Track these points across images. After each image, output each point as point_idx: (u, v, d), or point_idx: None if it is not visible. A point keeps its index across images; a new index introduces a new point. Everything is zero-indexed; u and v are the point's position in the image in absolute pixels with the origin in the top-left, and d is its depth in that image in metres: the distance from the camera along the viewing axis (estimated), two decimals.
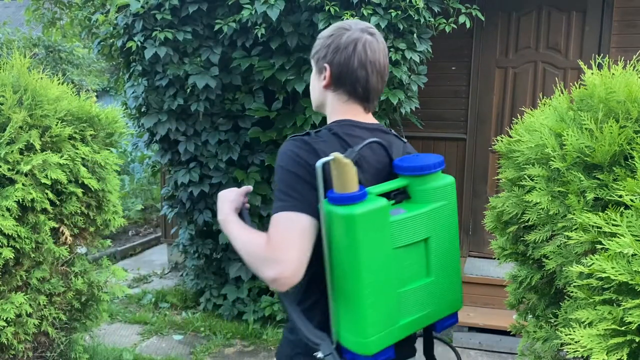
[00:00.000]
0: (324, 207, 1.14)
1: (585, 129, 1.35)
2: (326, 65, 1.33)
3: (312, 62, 1.40)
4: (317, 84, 1.39)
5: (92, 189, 2.48)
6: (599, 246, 1.12)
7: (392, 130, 1.43)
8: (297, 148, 1.22)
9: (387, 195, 1.22)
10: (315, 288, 1.27)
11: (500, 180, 1.78)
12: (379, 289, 1.15)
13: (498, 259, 1.84)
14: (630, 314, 0.99)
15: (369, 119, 1.38)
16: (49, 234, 2.33)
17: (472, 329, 3.83)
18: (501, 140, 1.81)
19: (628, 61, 1.52)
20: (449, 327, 1.36)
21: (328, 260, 1.16)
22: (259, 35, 3.43)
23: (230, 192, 1.41)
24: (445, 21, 3.60)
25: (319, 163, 1.13)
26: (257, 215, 3.94)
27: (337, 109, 1.36)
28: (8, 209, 2.16)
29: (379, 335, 1.16)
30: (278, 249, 1.13)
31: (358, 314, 1.14)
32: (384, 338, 1.18)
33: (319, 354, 1.16)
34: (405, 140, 1.45)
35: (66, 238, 2.41)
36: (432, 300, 1.28)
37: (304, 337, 1.19)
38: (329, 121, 1.38)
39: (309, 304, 1.29)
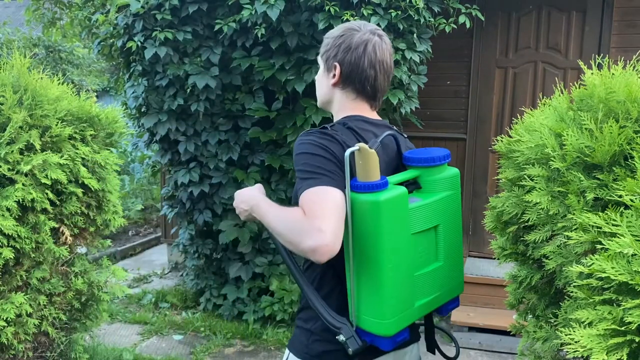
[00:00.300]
0: (350, 195, 1.19)
1: (585, 129, 1.35)
2: (336, 63, 1.40)
3: (321, 61, 1.46)
4: (325, 81, 1.45)
5: (92, 189, 2.48)
6: (599, 246, 1.12)
7: (395, 127, 1.51)
8: (318, 138, 1.27)
9: (400, 185, 1.29)
10: (330, 277, 1.33)
11: (500, 180, 1.78)
12: (398, 273, 1.22)
13: (498, 259, 1.84)
14: (630, 314, 0.99)
15: (375, 116, 1.46)
16: (49, 234, 2.33)
17: (472, 329, 3.83)
18: (501, 140, 1.81)
19: (628, 61, 1.52)
20: (452, 310, 1.47)
21: (351, 246, 1.21)
22: (259, 35, 3.43)
23: (250, 188, 1.45)
24: (445, 21, 3.60)
25: (347, 152, 1.18)
26: None
27: (346, 105, 1.43)
28: (8, 209, 2.16)
29: (398, 316, 1.23)
30: (317, 218, 1.13)
31: (380, 296, 1.20)
32: (401, 319, 1.25)
33: (341, 337, 1.21)
34: (406, 136, 1.54)
35: (66, 238, 2.41)
36: (441, 284, 1.37)
37: (326, 321, 1.24)
38: (336, 117, 1.44)
39: (326, 292, 1.33)
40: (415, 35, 3.58)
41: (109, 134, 2.64)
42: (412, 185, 1.36)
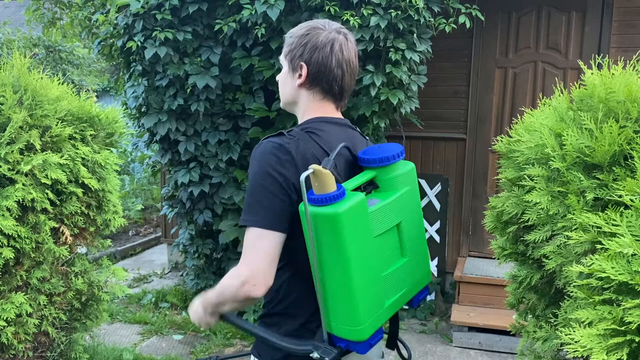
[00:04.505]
0: (309, 209, 1.18)
1: (585, 129, 1.36)
2: (303, 63, 1.36)
3: (284, 60, 1.41)
4: (290, 82, 1.41)
5: (92, 189, 2.48)
6: (598, 246, 1.12)
7: (357, 128, 1.51)
8: (273, 161, 1.25)
9: (358, 188, 1.30)
10: (293, 289, 1.35)
11: (500, 180, 1.78)
12: (366, 277, 1.22)
13: (498, 259, 1.84)
14: (630, 314, 0.99)
15: (339, 115, 1.44)
16: (49, 233, 2.33)
17: (472, 328, 3.83)
18: (501, 140, 1.81)
19: (628, 61, 1.52)
20: (422, 300, 1.48)
21: (315, 258, 1.21)
22: (259, 35, 3.43)
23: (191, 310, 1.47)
24: (445, 21, 3.60)
25: (302, 178, 1.16)
26: None
27: (311, 106, 1.40)
28: (8, 209, 2.16)
29: (370, 319, 1.23)
30: (248, 261, 1.23)
31: (351, 304, 1.20)
32: (374, 321, 1.25)
33: (315, 354, 1.23)
34: (367, 138, 1.53)
35: (66, 238, 2.41)
36: (408, 278, 1.38)
37: (292, 351, 1.27)
38: (301, 118, 1.42)
39: (292, 305, 1.36)
40: (415, 35, 3.58)
41: (109, 134, 2.64)
42: (370, 186, 1.35)
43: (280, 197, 1.24)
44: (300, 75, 1.37)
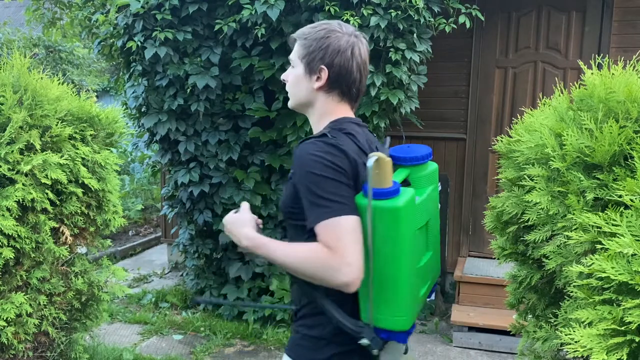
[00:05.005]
0: (371, 203, 1.22)
1: (585, 129, 1.36)
2: (323, 67, 1.37)
3: (299, 62, 1.41)
4: (305, 84, 1.41)
5: (92, 189, 2.48)
6: (598, 246, 1.12)
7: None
8: (327, 154, 1.26)
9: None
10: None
11: (500, 180, 1.78)
12: (411, 269, 1.29)
13: (498, 259, 1.84)
14: (630, 314, 0.99)
15: (353, 116, 1.46)
16: (49, 233, 2.33)
17: (472, 328, 3.83)
18: (501, 140, 1.81)
19: (628, 61, 1.52)
20: (434, 292, 1.58)
21: (371, 251, 1.24)
22: (259, 35, 3.43)
23: (241, 215, 1.43)
24: (445, 21, 3.60)
25: (369, 163, 1.20)
26: (257, 215, 3.93)
27: (331, 109, 1.41)
28: (8, 209, 2.16)
29: (412, 310, 1.31)
30: (345, 255, 1.19)
31: (398, 294, 1.26)
32: (413, 312, 1.33)
33: (364, 340, 1.26)
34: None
35: (66, 238, 2.41)
36: (431, 272, 1.47)
37: (346, 328, 1.27)
38: (320, 120, 1.42)
39: (339, 298, 1.33)
40: (415, 35, 3.58)
41: (109, 134, 2.64)
42: (404, 184, 1.40)
43: (348, 186, 1.25)
44: (318, 78, 1.38)
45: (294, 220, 1.37)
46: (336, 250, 1.19)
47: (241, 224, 1.41)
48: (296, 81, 1.43)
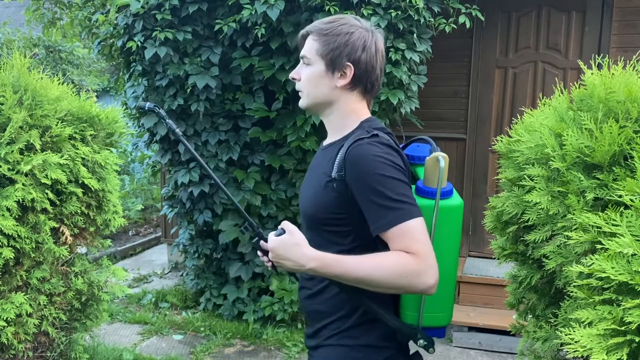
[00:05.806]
0: (427, 202, 1.26)
1: (585, 129, 1.36)
2: (349, 64, 1.30)
3: (321, 59, 1.31)
4: (326, 82, 1.32)
5: (92, 189, 2.48)
6: (598, 246, 1.12)
7: None
8: (385, 153, 1.23)
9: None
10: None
11: (500, 180, 1.78)
12: (457, 265, 1.36)
13: (498, 259, 1.84)
14: (630, 314, 0.99)
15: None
16: (49, 233, 2.33)
17: (472, 328, 3.83)
18: (501, 140, 1.81)
19: (628, 61, 1.52)
20: None
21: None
22: (259, 35, 3.43)
23: (290, 235, 1.22)
24: (445, 21, 3.60)
25: (442, 164, 1.24)
26: (257, 215, 3.94)
27: (355, 107, 1.35)
28: (8, 209, 2.16)
29: (452, 304, 1.37)
30: (427, 258, 1.18)
31: (448, 291, 1.30)
32: (452, 306, 1.39)
33: (421, 341, 1.29)
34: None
35: (66, 238, 2.41)
36: None
37: (403, 330, 1.30)
38: (343, 119, 1.35)
39: (385, 303, 1.33)
40: (415, 35, 3.58)
41: (109, 134, 2.64)
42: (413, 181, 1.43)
43: (409, 186, 1.25)
44: (342, 75, 1.31)
45: (334, 227, 1.30)
46: (419, 254, 1.16)
47: (295, 245, 1.21)
48: (314, 79, 1.33)
